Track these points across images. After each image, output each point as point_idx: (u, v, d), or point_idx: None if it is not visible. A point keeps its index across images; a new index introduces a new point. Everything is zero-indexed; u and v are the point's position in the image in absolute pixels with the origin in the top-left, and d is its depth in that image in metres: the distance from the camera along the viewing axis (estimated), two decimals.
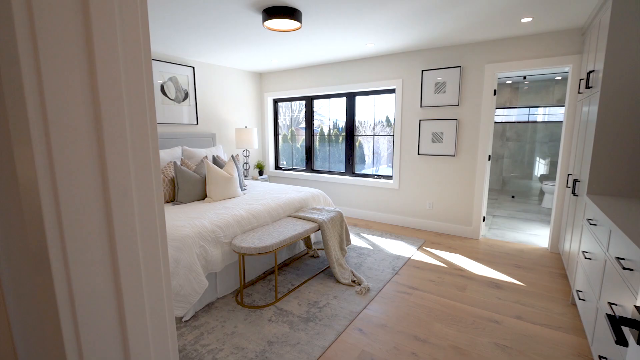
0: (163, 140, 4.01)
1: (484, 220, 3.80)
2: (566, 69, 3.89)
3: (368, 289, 2.57)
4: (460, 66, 3.62)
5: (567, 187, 2.91)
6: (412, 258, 3.21)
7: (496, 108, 6.17)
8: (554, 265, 3.02)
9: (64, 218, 0.36)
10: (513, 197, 6.01)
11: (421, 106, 3.93)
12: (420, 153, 4.02)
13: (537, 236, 3.85)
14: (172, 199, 3.08)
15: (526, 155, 6.21)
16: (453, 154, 3.78)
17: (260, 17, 2.73)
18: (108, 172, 0.39)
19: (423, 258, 3.21)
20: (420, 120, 3.96)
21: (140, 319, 0.45)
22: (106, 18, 0.37)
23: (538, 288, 2.60)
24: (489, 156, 3.65)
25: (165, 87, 4.06)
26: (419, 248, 3.48)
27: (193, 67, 4.36)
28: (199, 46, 3.66)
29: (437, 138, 3.87)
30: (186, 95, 4.33)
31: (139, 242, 0.44)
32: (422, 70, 3.86)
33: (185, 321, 2.18)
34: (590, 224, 1.91)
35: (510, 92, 6.22)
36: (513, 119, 6.33)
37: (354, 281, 2.70)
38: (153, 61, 3.89)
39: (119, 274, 0.42)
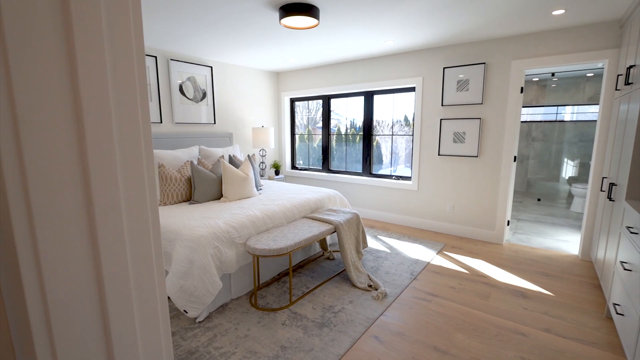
0: (181, 139, 4.05)
1: (508, 224, 3.62)
2: (600, 65, 3.65)
3: (385, 295, 2.48)
4: (484, 63, 3.45)
5: (601, 190, 2.71)
6: (431, 263, 3.09)
7: (522, 107, 5.90)
8: (586, 274, 2.82)
9: (39, 234, 0.31)
10: (539, 200, 5.74)
11: (442, 105, 3.78)
12: (440, 153, 3.87)
13: (567, 242, 3.64)
14: (189, 198, 3.09)
15: (553, 156, 5.91)
16: (476, 155, 3.62)
17: (277, 14, 2.69)
18: (91, 180, 0.34)
19: (443, 263, 3.08)
20: (441, 120, 3.82)
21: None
22: (88, 4, 0.32)
23: (568, 299, 2.43)
24: (515, 157, 3.47)
25: (183, 87, 4.10)
26: (439, 252, 3.35)
27: (211, 67, 4.38)
28: (217, 45, 3.66)
29: (459, 138, 3.72)
30: (204, 95, 4.36)
31: (129, 265, 0.39)
32: (444, 68, 3.72)
33: (199, 322, 2.17)
34: (631, 232, 1.75)
35: (537, 90, 5.93)
36: (539, 117, 6.04)
37: (370, 286, 2.61)
38: (172, 61, 3.93)
39: (106, 311, 0.37)
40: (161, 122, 3.89)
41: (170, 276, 2.14)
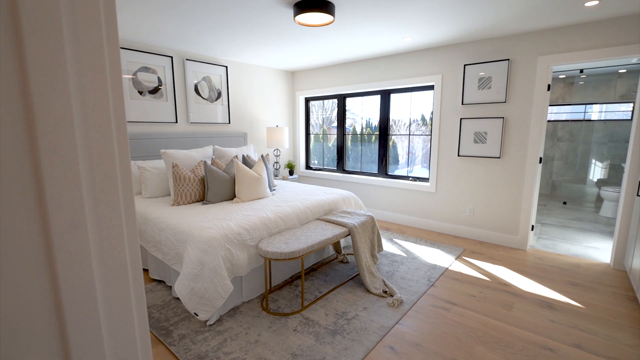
0: (196, 139, 4.06)
1: (532, 229, 3.44)
2: (635, 60, 3.41)
3: (401, 302, 2.38)
4: (508, 59, 3.28)
5: (637, 195, 2.52)
6: (449, 268, 2.96)
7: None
8: (620, 285, 2.63)
9: None
10: (565, 203, 5.46)
11: (462, 104, 3.63)
12: (460, 154, 3.72)
13: (597, 249, 3.42)
14: (202, 198, 3.08)
15: (580, 157, 5.61)
16: (498, 156, 3.45)
17: (291, 11, 2.63)
18: (46, 193, 0.28)
19: (462, 269, 2.95)
20: (461, 119, 3.66)
21: None
22: None
23: (600, 311, 2.26)
24: (540, 158, 3.29)
25: (199, 86, 4.11)
26: (458, 257, 3.21)
27: (226, 67, 4.37)
28: (231, 44, 3.64)
29: (480, 138, 3.56)
30: (219, 95, 4.35)
31: (98, 298, 0.33)
32: (465, 65, 3.56)
33: (210, 325, 2.13)
34: None
35: (564, 88, 5.64)
36: (565, 117, 5.75)
37: (385, 292, 2.52)
38: (187, 61, 3.94)
39: (66, 337, 0.31)
40: (176, 121, 3.90)
41: (181, 278, 2.11)
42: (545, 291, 2.54)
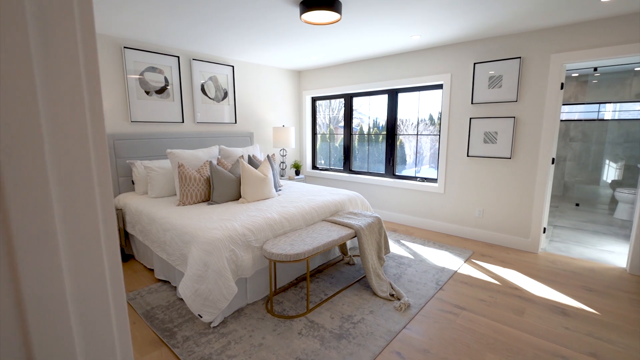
0: (202, 139, 4.05)
1: (544, 231, 3.34)
2: None
3: (408, 306, 2.32)
4: (519, 57, 3.20)
5: None
6: (458, 271, 2.90)
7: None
8: (637, 291, 2.53)
9: None
10: (577, 204, 5.32)
11: (472, 103, 3.55)
12: (469, 154, 3.64)
13: (612, 253, 3.31)
14: (208, 198, 3.06)
15: (593, 158, 5.47)
16: (509, 156, 3.37)
17: (297, 10, 2.59)
18: (7, 199, 0.24)
19: (471, 272, 2.88)
20: (470, 119, 3.59)
21: None
22: None
23: (617, 319, 2.18)
24: (553, 159, 3.20)
25: (205, 86, 4.10)
26: (467, 260, 3.14)
27: (232, 66, 4.36)
28: (237, 43, 3.62)
29: (490, 138, 3.48)
30: (225, 95, 4.34)
31: (71, 316, 0.29)
32: (475, 63, 3.48)
33: (214, 327, 2.11)
34: None
35: (576, 87, 5.50)
36: (577, 116, 5.61)
37: (392, 295, 2.47)
38: (194, 61, 3.93)
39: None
40: (183, 121, 3.90)
41: (185, 279, 2.10)
42: (558, 296, 2.46)
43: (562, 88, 3.07)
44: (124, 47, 3.34)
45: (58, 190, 0.28)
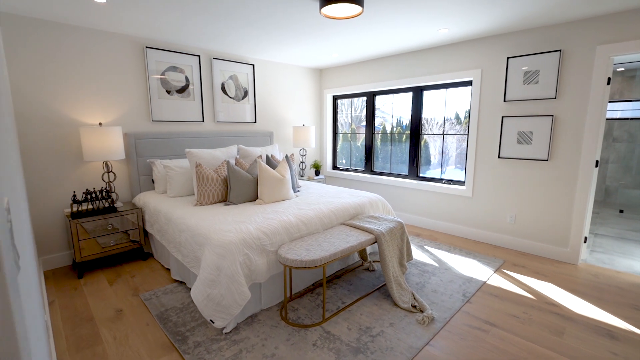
0: (222, 138, 4.03)
1: (585, 241, 3.05)
2: None
3: (432, 319, 2.15)
4: (559, 50, 2.92)
5: None
6: (487, 282, 2.68)
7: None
8: None
9: None
10: (621, 211, 4.88)
11: (505, 100, 3.30)
12: (501, 156, 3.39)
13: None
14: (224, 199, 3.02)
15: (638, 160, 5.00)
16: (545, 158, 3.10)
17: (316, 3, 2.48)
18: None
19: (502, 284, 2.65)
20: (502, 117, 3.33)
21: None
22: None
23: None
24: (597, 162, 2.90)
25: (225, 85, 4.08)
26: (497, 270, 2.91)
27: (253, 65, 4.31)
28: (257, 40, 3.56)
29: (524, 138, 3.21)
30: (245, 94, 4.30)
31: None
32: (508, 58, 3.23)
33: (226, 333, 2.04)
34: None
35: (622, 82, 5.05)
36: (621, 114, 5.14)
37: (414, 306, 2.30)
38: (214, 60, 3.91)
39: None
40: (203, 121, 3.89)
41: (197, 283, 2.04)
42: (603, 316, 2.20)
43: (608, 83, 2.78)
44: (146, 47, 3.35)
45: None
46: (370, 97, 4.72)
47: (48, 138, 2.89)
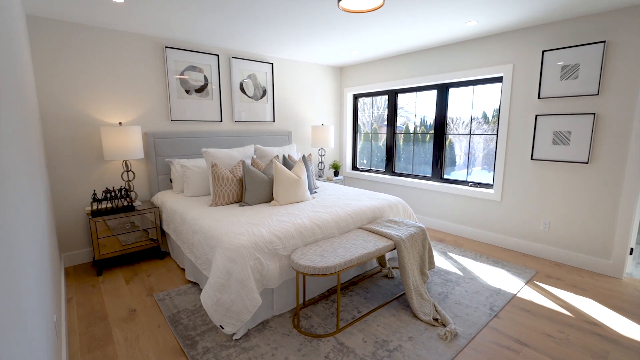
0: (240, 138, 4.00)
1: (631, 252, 2.75)
2: None
3: (455, 334, 1.99)
4: (604, 41, 2.65)
5: None
6: (518, 295, 2.47)
7: None
8: None
9: None
10: None
11: (539, 97, 3.04)
12: (534, 157, 3.13)
13: None
14: (240, 199, 2.96)
15: None
16: (586, 161, 2.82)
17: None
18: None
19: (535, 297, 2.43)
20: (536, 116, 3.08)
21: None
22: None
23: None
24: None
25: (244, 84, 4.04)
26: (529, 282, 2.68)
27: (272, 64, 4.25)
28: (275, 38, 3.49)
29: (561, 139, 2.95)
30: (264, 93, 4.25)
31: None
32: (543, 51, 2.98)
33: (236, 340, 1.97)
34: None
35: None
36: None
37: (436, 319, 2.14)
38: (233, 59, 3.88)
39: None
40: (221, 120, 3.88)
41: (207, 287, 1.98)
42: None
43: None
44: (166, 47, 3.37)
45: None
46: (392, 95, 4.55)
47: (71, 137, 2.95)
